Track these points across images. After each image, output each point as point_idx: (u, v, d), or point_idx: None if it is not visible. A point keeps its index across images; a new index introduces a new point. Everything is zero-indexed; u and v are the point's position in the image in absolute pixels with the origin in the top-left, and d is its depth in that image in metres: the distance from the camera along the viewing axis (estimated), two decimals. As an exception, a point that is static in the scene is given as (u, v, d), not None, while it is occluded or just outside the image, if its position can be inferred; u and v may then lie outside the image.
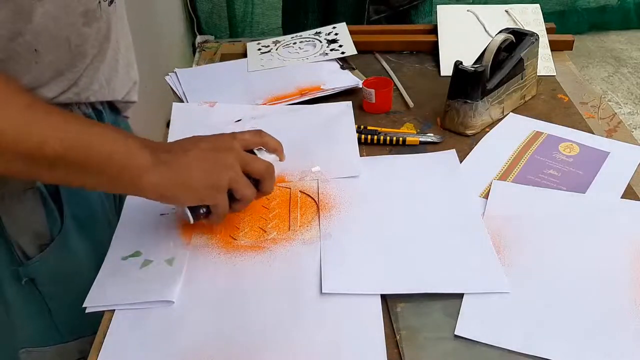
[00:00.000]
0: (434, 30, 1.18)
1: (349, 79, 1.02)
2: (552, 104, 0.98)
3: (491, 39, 0.89)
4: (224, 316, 0.61)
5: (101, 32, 0.69)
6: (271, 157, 0.68)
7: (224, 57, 1.18)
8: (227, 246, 0.69)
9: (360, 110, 0.96)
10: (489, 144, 0.87)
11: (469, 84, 0.86)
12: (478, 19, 1.16)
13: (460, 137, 0.89)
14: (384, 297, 0.62)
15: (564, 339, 0.57)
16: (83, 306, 0.62)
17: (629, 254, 0.66)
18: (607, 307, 0.60)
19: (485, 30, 1.14)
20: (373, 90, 0.94)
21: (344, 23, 1.20)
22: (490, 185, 0.77)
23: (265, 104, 0.97)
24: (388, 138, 0.87)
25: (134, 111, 0.85)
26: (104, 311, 0.62)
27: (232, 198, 0.63)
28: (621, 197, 0.75)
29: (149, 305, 0.62)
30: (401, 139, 0.86)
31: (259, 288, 0.63)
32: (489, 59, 0.87)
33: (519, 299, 0.61)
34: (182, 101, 1.01)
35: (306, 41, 1.16)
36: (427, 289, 0.62)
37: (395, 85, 1.03)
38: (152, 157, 0.58)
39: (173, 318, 0.61)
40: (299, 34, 1.19)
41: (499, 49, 0.88)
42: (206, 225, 0.70)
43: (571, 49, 1.16)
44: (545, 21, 1.16)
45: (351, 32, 1.16)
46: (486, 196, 0.75)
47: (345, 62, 1.08)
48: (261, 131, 0.68)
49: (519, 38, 0.92)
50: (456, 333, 0.58)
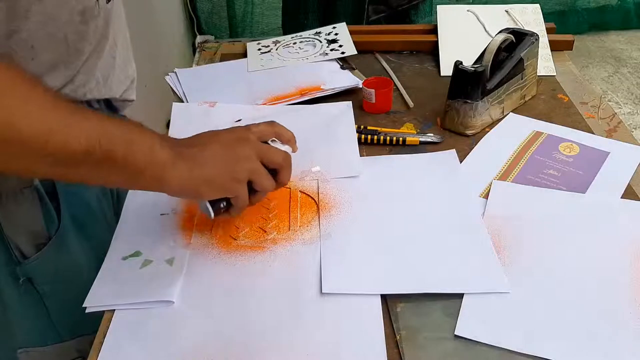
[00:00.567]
0: (434, 30, 1.17)
1: (349, 79, 1.02)
2: (552, 104, 0.98)
3: (491, 39, 0.89)
4: (224, 316, 0.61)
5: (99, 30, 0.69)
6: (284, 148, 0.67)
7: (224, 57, 1.18)
8: (227, 246, 0.69)
9: (360, 110, 0.96)
10: (489, 144, 0.87)
11: (469, 84, 0.86)
12: (478, 19, 1.16)
13: (460, 137, 0.89)
14: (384, 297, 0.62)
15: (564, 339, 0.57)
16: (83, 306, 0.61)
17: (629, 254, 0.66)
18: (607, 307, 0.60)
19: (485, 30, 1.14)
20: (373, 90, 0.94)
21: (344, 23, 1.20)
22: (490, 185, 0.77)
23: (265, 104, 0.97)
24: (388, 138, 0.86)
25: (133, 111, 0.85)
26: (104, 311, 0.62)
27: (250, 190, 0.63)
28: (621, 197, 0.75)
29: (149, 305, 0.62)
30: (401, 139, 0.86)
31: (259, 288, 0.63)
32: (489, 59, 0.87)
33: (519, 299, 0.61)
34: (182, 101, 1.01)
35: (306, 41, 1.16)
36: (427, 289, 0.62)
37: (395, 85, 1.03)
38: (172, 153, 0.57)
39: (173, 318, 0.61)
40: (299, 34, 1.19)
41: (499, 49, 0.88)
42: (213, 222, 0.69)
43: (571, 49, 1.16)
44: (545, 21, 1.16)
45: (351, 32, 1.16)
46: (486, 196, 0.75)
47: (345, 62, 1.08)
48: (274, 122, 0.68)
49: (519, 38, 0.92)
50: (456, 333, 0.58)
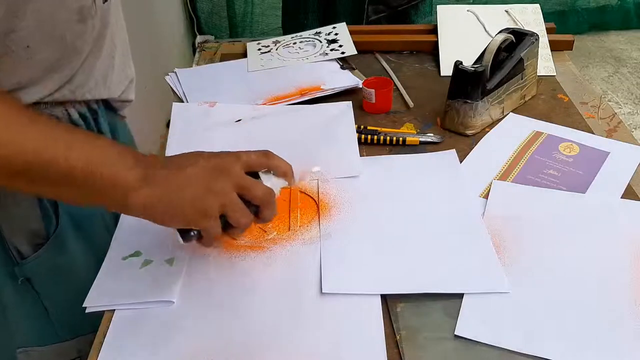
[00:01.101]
0: (434, 30, 1.17)
1: (349, 79, 1.02)
2: (552, 104, 0.98)
3: (491, 39, 0.89)
4: (224, 316, 0.61)
5: (96, 29, 0.69)
6: (278, 182, 0.63)
7: (224, 57, 1.18)
8: (227, 246, 0.69)
9: (360, 110, 0.96)
10: (489, 144, 0.87)
11: (469, 84, 0.86)
12: (478, 19, 1.16)
13: (460, 137, 0.89)
14: (384, 297, 0.62)
15: (564, 339, 0.57)
16: (83, 306, 0.61)
17: (629, 254, 0.66)
18: (607, 307, 0.60)
19: (485, 30, 1.14)
20: (373, 90, 0.94)
21: (344, 23, 1.20)
22: (490, 185, 0.77)
23: (265, 104, 0.97)
24: (388, 138, 0.86)
25: (134, 111, 0.85)
26: (103, 311, 0.62)
27: (228, 223, 0.59)
28: (621, 197, 0.75)
29: (149, 305, 0.62)
30: (401, 139, 0.86)
31: (259, 288, 0.63)
32: (489, 59, 0.87)
33: (519, 299, 0.61)
34: (182, 101, 1.01)
35: (306, 41, 1.16)
36: (427, 289, 0.62)
37: (395, 85, 1.03)
38: (140, 176, 0.54)
39: (173, 318, 0.61)
40: (299, 34, 1.19)
41: (499, 49, 0.88)
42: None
43: (571, 49, 1.16)
44: (545, 21, 1.16)
45: (351, 32, 1.16)
46: (486, 196, 0.75)
47: (345, 62, 1.08)
48: (269, 153, 0.62)
49: (519, 38, 0.92)
50: (456, 333, 0.58)
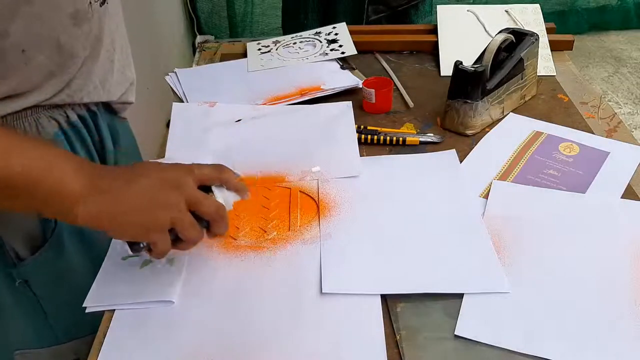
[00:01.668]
0: (434, 30, 1.18)
1: (349, 79, 1.02)
2: (552, 104, 0.98)
3: (491, 39, 0.89)
4: (224, 316, 0.61)
5: (92, 33, 0.68)
6: (231, 195, 0.62)
7: (224, 57, 1.18)
8: (227, 246, 0.69)
9: (360, 110, 0.96)
10: (489, 144, 0.87)
11: (469, 84, 0.86)
12: (478, 19, 1.16)
13: (460, 137, 0.89)
14: (384, 297, 0.62)
15: (564, 339, 0.57)
16: (83, 306, 0.61)
17: (629, 254, 0.66)
18: (607, 307, 0.60)
19: (485, 30, 1.14)
20: (373, 90, 0.94)
21: (344, 23, 1.20)
22: (490, 185, 0.77)
23: (265, 104, 0.97)
24: (388, 138, 0.86)
25: (134, 111, 0.85)
26: (104, 311, 0.62)
27: (178, 237, 0.58)
28: (621, 197, 0.75)
29: (149, 305, 0.62)
30: (401, 139, 0.86)
31: (259, 288, 0.63)
32: (489, 59, 0.87)
33: (519, 299, 0.61)
34: (182, 101, 1.01)
35: (306, 41, 1.16)
36: (427, 289, 0.62)
37: (395, 85, 1.03)
38: (88, 185, 0.54)
39: (173, 318, 0.61)
40: (299, 34, 1.19)
41: (499, 49, 0.88)
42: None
43: (571, 49, 1.16)
44: (545, 21, 1.16)
45: (351, 32, 1.16)
46: (486, 196, 0.75)
47: (345, 62, 1.08)
48: (222, 167, 0.62)
49: (519, 38, 0.92)
50: (456, 333, 0.58)
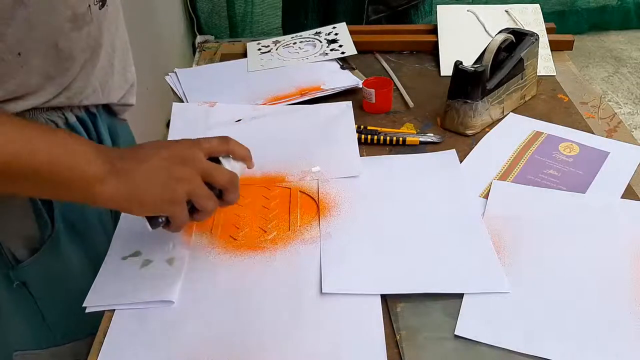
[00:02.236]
0: (434, 30, 1.17)
1: (349, 79, 1.02)
2: (552, 104, 0.98)
3: (491, 39, 0.89)
4: (224, 316, 0.61)
5: (92, 36, 0.68)
6: (238, 166, 0.64)
7: (224, 57, 1.18)
8: (227, 246, 0.69)
9: (360, 110, 0.96)
10: (489, 144, 0.87)
11: (469, 84, 0.86)
12: (478, 19, 1.16)
13: (460, 137, 0.89)
14: (384, 297, 0.62)
15: (564, 339, 0.57)
16: (83, 306, 0.61)
17: (629, 254, 0.66)
18: (607, 307, 0.60)
19: (485, 30, 1.14)
20: (373, 90, 0.94)
21: (344, 23, 1.20)
22: (490, 185, 0.77)
23: (265, 104, 0.97)
24: (388, 138, 0.86)
25: (133, 111, 0.85)
26: (104, 311, 0.62)
27: (194, 208, 0.60)
28: (621, 197, 0.75)
29: (149, 305, 0.62)
30: (401, 139, 0.86)
31: (259, 288, 0.63)
32: (489, 59, 0.87)
33: (519, 299, 0.61)
34: (182, 101, 1.01)
35: (306, 41, 1.16)
36: (427, 289, 0.62)
37: (395, 85, 1.03)
38: (106, 167, 0.55)
39: (173, 318, 0.61)
40: (299, 34, 1.19)
41: (499, 49, 0.88)
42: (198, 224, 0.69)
43: (571, 49, 1.16)
44: (545, 21, 1.16)
45: (351, 32, 1.16)
46: (486, 196, 0.75)
47: (345, 62, 1.08)
48: (228, 138, 0.63)
49: (519, 38, 0.92)
50: (456, 333, 0.58)
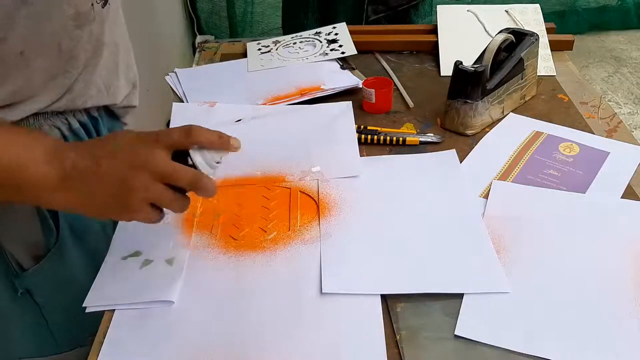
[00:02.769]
0: (434, 30, 1.17)
1: (349, 79, 1.02)
2: (552, 104, 0.98)
3: (491, 39, 0.89)
4: (224, 316, 0.61)
5: (94, 35, 0.67)
6: (214, 154, 0.58)
7: (224, 57, 1.18)
8: (227, 246, 0.69)
9: (360, 110, 0.96)
10: (489, 144, 0.87)
11: (469, 84, 0.86)
12: (478, 19, 1.16)
13: (460, 137, 0.89)
14: (384, 297, 0.62)
15: (564, 339, 0.57)
16: (83, 305, 0.61)
17: (629, 254, 0.66)
18: (607, 307, 0.60)
19: (485, 30, 1.14)
20: (373, 90, 0.94)
21: (344, 23, 1.20)
22: (490, 185, 0.77)
23: (265, 104, 0.97)
24: (388, 138, 0.86)
25: (133, 110, 0.85)
26: (104, 311, 0.62)
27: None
28: (621, 197, 0.75)
29: (149, 305, 0.62)
30: (401, 139, 0.86)
31: (259, 288, 0.63)
32: (489, 59, 0.87)
33: (519, 299, 0.61)
34: (182, 101, 1.01)
35: (306, 41, 1.16)
36: (427, 289, 0.62)
37: (395, 85, 1.03)
38: (59, 173, 0.53)
39: (173, 318, 0.61)
40: (299, 34, 1.19)
41: (499, 49, 0.88)
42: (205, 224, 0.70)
43: (571, 49, 1.16)
44: (545, 21, 1.16)
45: (351, 32, 1.16)
46: (486, 196, 0.75)
47: (345, 62, 1.08)
48: (191, 128, 0.57)
49: (519, 38, 0.92)
50: (456, 333, 0.58)
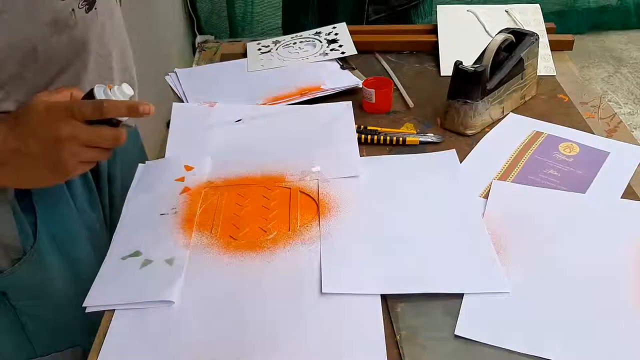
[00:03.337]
0: (434, 30, 1.17)
1: (349, 79, 1.02)
2: (552, 104, 0.98)
3: (491, 39, 0.89)
4: (224, 316, 0.61)
5: (76, 41, 0.66)
6: (127, 93, 0.64)
7: (224, 57, 1.18)
8: (227, 246, 0.69)
9: (360, 110, 0.96)
10: (489, 144, 0.87)
11: (469, 84, 0.86)
12: (478, 19, 1.16)
13: (460, 137, 0.89)
14: (384, 297, 0.62)
15: (564, 339, 0.57)
16: (83, 305, 0.61)
17: (629, 254, 0.66)
18: (607, 307, 0.60)
19: (485, 30, 1.14)
20: (373, 90, 0.94)
21: (344, 23, 1.20)
22: (490, 185, 0.77)
23: (265, 104, 0.97)
24: (388, 138, 0.86)
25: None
26: (104, 311, 0.62)
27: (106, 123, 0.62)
28: (621, 197, 0.75)
29: (149, 305, 0.62)
30: (401, 139, 0.86)
31: (259, 288, 0.63)
32: (489, 59, 0.87)
33: (519, 299, 0.61)
34: (182, 101, 1.01)
35: (306, 41, 1.16)
36: (427, 289, 0.62)
37: (395, 85, 1.03)
38: None
39: (173, 318, 0.61)
40: (299, 34, 1.19)
41: (499, 49, 0.88)
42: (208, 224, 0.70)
43: (571, 49, 1.16)
44: (545, 21, 1.16)
45: (351, 32, 1.16)
46: (486, 196, 0.75)
47: (345, 62, 1.08)
48: (102, 106, 0.60)
49: (519, 38, 0.92)
50: (456, 333, 0.58)
